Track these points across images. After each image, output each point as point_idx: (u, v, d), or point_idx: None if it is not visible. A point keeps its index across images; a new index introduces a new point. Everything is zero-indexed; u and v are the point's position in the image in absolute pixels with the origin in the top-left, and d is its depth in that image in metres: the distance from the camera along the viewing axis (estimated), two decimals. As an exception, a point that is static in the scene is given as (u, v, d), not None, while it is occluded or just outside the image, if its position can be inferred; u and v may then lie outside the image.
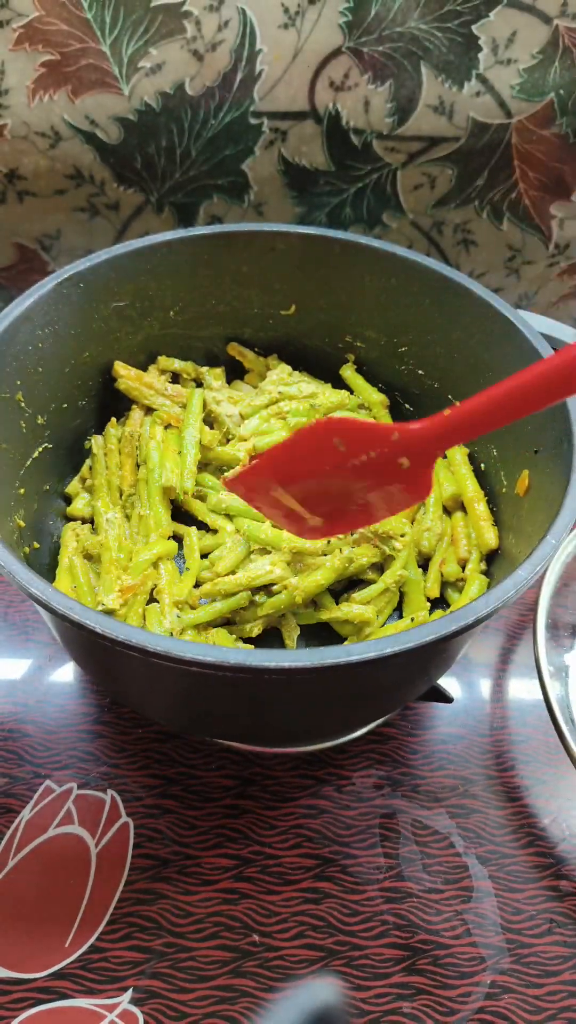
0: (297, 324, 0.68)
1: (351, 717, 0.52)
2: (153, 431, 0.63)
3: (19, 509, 0.55)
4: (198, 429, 0.63)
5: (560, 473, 0.46)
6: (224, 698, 0.43)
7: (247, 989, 0.47)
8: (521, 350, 0.54)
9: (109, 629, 0.36)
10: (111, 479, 0.62)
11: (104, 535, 0.58)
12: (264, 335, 0.70)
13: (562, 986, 0.48)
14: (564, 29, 0.63)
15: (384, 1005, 0.47)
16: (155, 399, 0.65)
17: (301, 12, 0.63)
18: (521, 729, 0.60)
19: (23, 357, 0.54)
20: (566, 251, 0.79)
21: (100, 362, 0.63)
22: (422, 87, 0.67)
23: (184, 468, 0.61)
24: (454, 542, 0.60)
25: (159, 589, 0.57)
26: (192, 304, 0.65)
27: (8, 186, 0.72)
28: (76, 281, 0.57)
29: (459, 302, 0.58)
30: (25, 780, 0.55)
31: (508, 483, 0.57)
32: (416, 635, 0.36)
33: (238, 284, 0.65)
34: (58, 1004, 0.46)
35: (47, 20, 0.62)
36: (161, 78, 0.66)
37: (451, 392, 0.63)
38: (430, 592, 0.58)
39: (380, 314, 0.65)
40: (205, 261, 0.63)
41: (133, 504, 0.61)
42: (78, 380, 0.61)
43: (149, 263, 0.61)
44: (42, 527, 0.59)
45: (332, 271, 0.64)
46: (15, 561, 0.39)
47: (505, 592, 0.39)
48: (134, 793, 0.55)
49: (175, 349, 0.68)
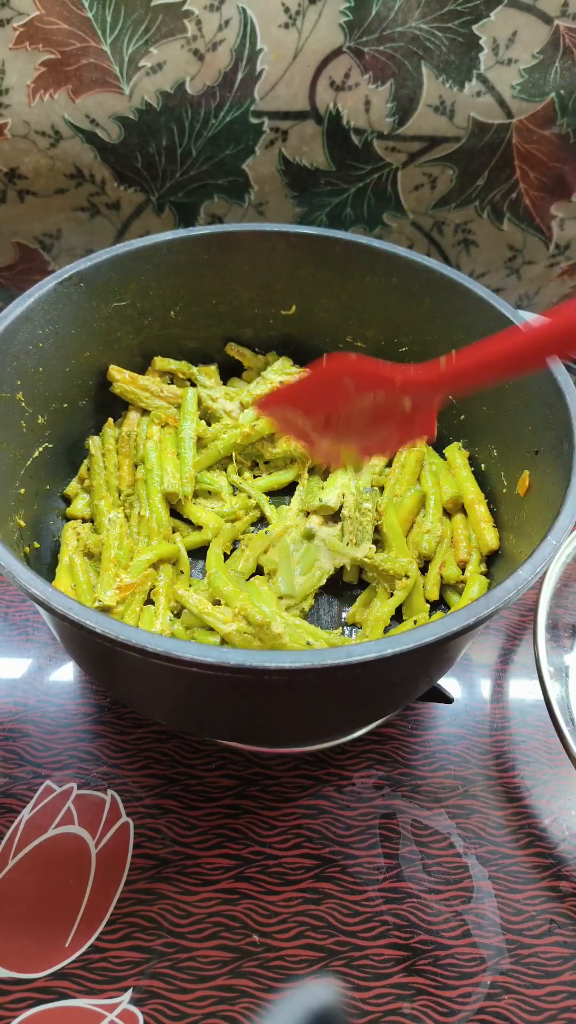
0: (297, 324, 0.68)
1: (351, 718, 0.52)
2: (150, 431, 0.63)
3: (20, 509, 0.55)
4: (194, 428, 0.63)
5: (561, 474, 0.46)
6: (224, 698, 0.43)
7: (247, 989, 0.47)
8: (522, 350, 0.53)
9: (109, 629, 0.36)
10: (109, 479, 0.62)
11: (105, 533, 0.58)
12: (264, 335, 0.69)
13: (562, 987, 0.48)
14: (565, 29, 0.63)
15: (384, 1006, 0.47)
16: (151, 401, 0.65)
17: (302, 12, 0.63)
18: (521, 729, 0.60)
19: (23, 357, 0.54)
20: (566, 251, 0.79)
21: (100, 362, 0.63)
22: (423, 87, 0.67)
23: (183, 472, 0.61)
24: (454, 544, 0.60)
25: (156, 591, 0.57)
26: (192, 304, 0.65)
27: (8, 185, 0.72)
28: (76, 281, 0.57)
29: (459, 302, 0.58)
30: (25, 780, 0.55)
31: (508, 484, 0.57)
32: (417, 636, 0.36)
33: (238, 284, 0.65)
34: (58, 1004, 0.46)
35: (48, 19, 0.62)
36: (162, 77, 0.66)
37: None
38: (429, 594, 0.58)
39: (380, 314, 0.65)
40: (205, 261, 0.63)
41: (132, 504, 0.61)
42: (78, 380, 0.61)
43: (150, 263, 0.61)
44: (42, 527, 0.59)
45: (332, 271, 0.64)
46: (15, 561, 0.39)
47: (506, 592, 0.39)
48: (134, 793, 0.54)
49: (175, 349, 0.68)
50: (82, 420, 0.64)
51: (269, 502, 0.64)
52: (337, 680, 0.40)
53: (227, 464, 0.66)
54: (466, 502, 0.60)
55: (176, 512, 0.63)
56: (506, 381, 0.42)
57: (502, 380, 0.38)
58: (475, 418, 0.62)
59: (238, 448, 0.65)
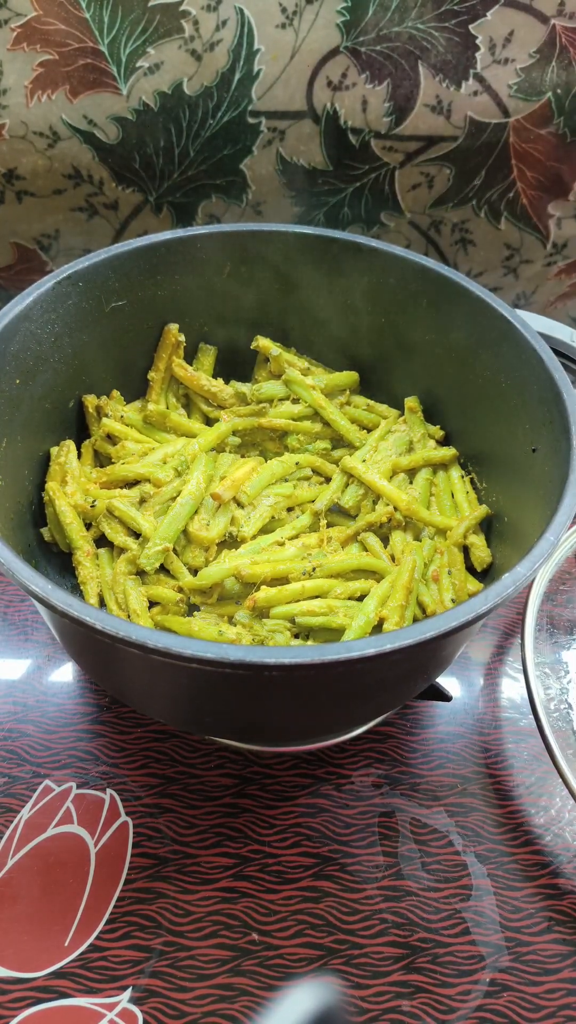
0: (294, 324, 0.68)
1: (350, 715, 0.52)
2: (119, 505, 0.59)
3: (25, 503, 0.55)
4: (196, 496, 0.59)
5: (558, 470, 0.47)
6: (223, 695, 0.43)
7: (246, 988, 0.47)
8: (519, 349, 0.54)
9: (108, 626, 0.36)
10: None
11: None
12: (262, 335, 0.70)
13: (561, 984, 0.48)
14: (561, 28, 0.64)
15: (383, 1003, 0.47)
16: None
17: (299, 12, 0.63)
18: (520, 728, 0.60)
19: (23, 356, 0.54)
20: (563, 250, 0.79)
21: (99, 362, 0.63)
22: (420, 86, 0.67)
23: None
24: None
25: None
26: (190, 304, 0.65)
27: (7, 186, 0.72)
28: (75, 280, 0.57)
29: (457, 301, 0.58)
30: (24, 779, 0.55)
31: (505, 488, 0.57)
32: (416, 631, 0.36)
33: (236, 284, 0.65)
34: (58, 1003, 0.46)
35: (45, 20, 0.62)
36: (159, 78, 0.66)
37: (448, 392, 0.63)
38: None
39: (378, 314, 0.65)
40: (203, 261, 0.63)
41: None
42: (77, 379, 0.61)
43: (147, 263, 0.61)
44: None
45: (330, 271, 0.64)
46: (15, 558, 0.39)
47: (504, 588, 0.39)
48: (133, 792, 0.54)
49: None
50: (80, 420, 0.64)
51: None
52: (336, 676, 0.40)
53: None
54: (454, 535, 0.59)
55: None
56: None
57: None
58: (473, 416, 0.62)
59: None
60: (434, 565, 0.57)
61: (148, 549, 0.54)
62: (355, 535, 0.59)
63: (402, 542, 0.58)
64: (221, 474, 0.60)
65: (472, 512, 0.59)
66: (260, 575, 0.53)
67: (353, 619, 0.51)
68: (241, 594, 0.55)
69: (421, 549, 0.57)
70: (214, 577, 0.54)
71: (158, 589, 0.55)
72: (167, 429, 0.64)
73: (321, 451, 0.65)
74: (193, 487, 0.56)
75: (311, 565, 0.54)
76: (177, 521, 0.55)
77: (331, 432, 0.65)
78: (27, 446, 0.56)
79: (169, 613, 0.54)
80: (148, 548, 0.54)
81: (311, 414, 0.65)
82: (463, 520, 0.58)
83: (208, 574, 0.54)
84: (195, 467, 0.58)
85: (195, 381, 0.65)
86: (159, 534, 0.55)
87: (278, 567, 0.54)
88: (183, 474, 0.58)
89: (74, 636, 0.45)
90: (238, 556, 0.55)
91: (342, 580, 0.55)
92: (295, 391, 0.65)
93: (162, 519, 0.56)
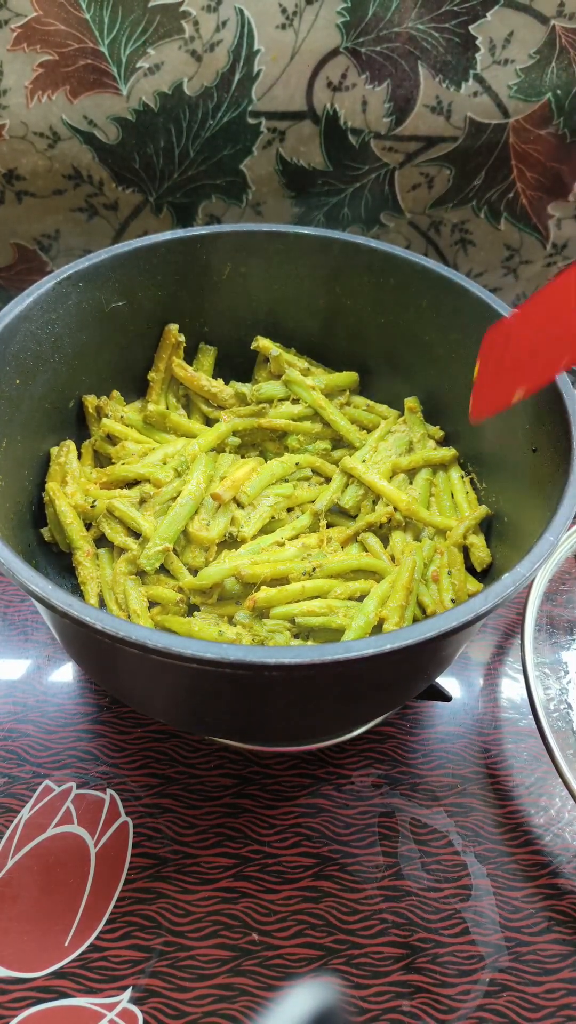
0: (295, 324, 0.68)
1: (350, 715, 0.52)
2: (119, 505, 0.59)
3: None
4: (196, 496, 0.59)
5: (558, 471, 0.47)
6: (223, 695, 0.43)
7: (247, 988, 0.47)
8: (519, 349, 0.54)
9: (108, 626, 0.36)
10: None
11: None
12: (261, 335, 0.70)
13: (561, 984, 0.48)
14: (561, 29, 0.64)
15: (383, 1003, 0.47)
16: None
17: (299, 12, 0.63)
18: (520, 728, 0.60)
19: (23, 356, 0.54)
20: (563, 251, 0.79)
21: (99, 362, 0.63)
22: (420, 87, 0.67)
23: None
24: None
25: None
26: (190, 304, 0.65)
27: (7, 186, 0.72)
28: (75, 281, 0.57)
29: (457, 302, 0.58)
30: (24, 780, 0.55)
31: (506, 486, 0.57)
32: (416, 632, 0.36)
33: (236, 284, 0.65)
34: (58, 1003, 0.46)
35: (45, 20, 0.62)
36: (159, 78, 0.66)
37: (448, 392, 0.63)
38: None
39: (378, 314, 0.65)
40: (203, 261, 0.63)
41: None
42: (77, 379, 0.61)
43: (147, 263, 0.61)
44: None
45: (330, 271, 0.64)
46: (15, 559, 0.39)
47: (504, 589, 0.39)
48: (133, 792, 0.55)
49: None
50: (80, 420, 0.64)
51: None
52: (336, 676, 0.40)
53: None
54: (455, 536, 0.59)
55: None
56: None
57: None
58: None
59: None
60: (434, 565, 0.57)
61: (148, 549, 0.54)
62: (355, 535, 0.59)
63: (402, 542, 0.58)
64: (221, 474, 0.60)
65: (472, 512, 0.59)
66: (260, 575, 0.53)
67: (353, 619, 0.51)
68: (241, 594, 0.55)
69: (421, 549, 0.57)
70: (214, 577, 0.54)
71: (158, 589, 0.55)
72: (167, 429, 0.64)
73: (321, 451, 0.65)
74: (193, 487, 0.56)
75: (311, 565, 0.54)
76: (177, 521, 0.55)
77: (331, 432, 0.65)
78: (27, 446, 0.56)
79: (169, 613, 0.54)
80: (148, 548, 0.54)
81: (311, 414, 0.65)
82: (463, 520, 0.58)
83: (208, 574, 0.54)
84: (195, 467, 0.58)
85: (195, 381, 0.65)
86: (159, 534, 0.55)
87: (278, 567, 0.54)
88: (183, 474, 0.58)
89: (74, 636, 0.45)
90: (238, 556, 0.55)
91: (342, 580, 0.55)
92: (295, 391, 0.65)
93: (162, 519, 0.56)
